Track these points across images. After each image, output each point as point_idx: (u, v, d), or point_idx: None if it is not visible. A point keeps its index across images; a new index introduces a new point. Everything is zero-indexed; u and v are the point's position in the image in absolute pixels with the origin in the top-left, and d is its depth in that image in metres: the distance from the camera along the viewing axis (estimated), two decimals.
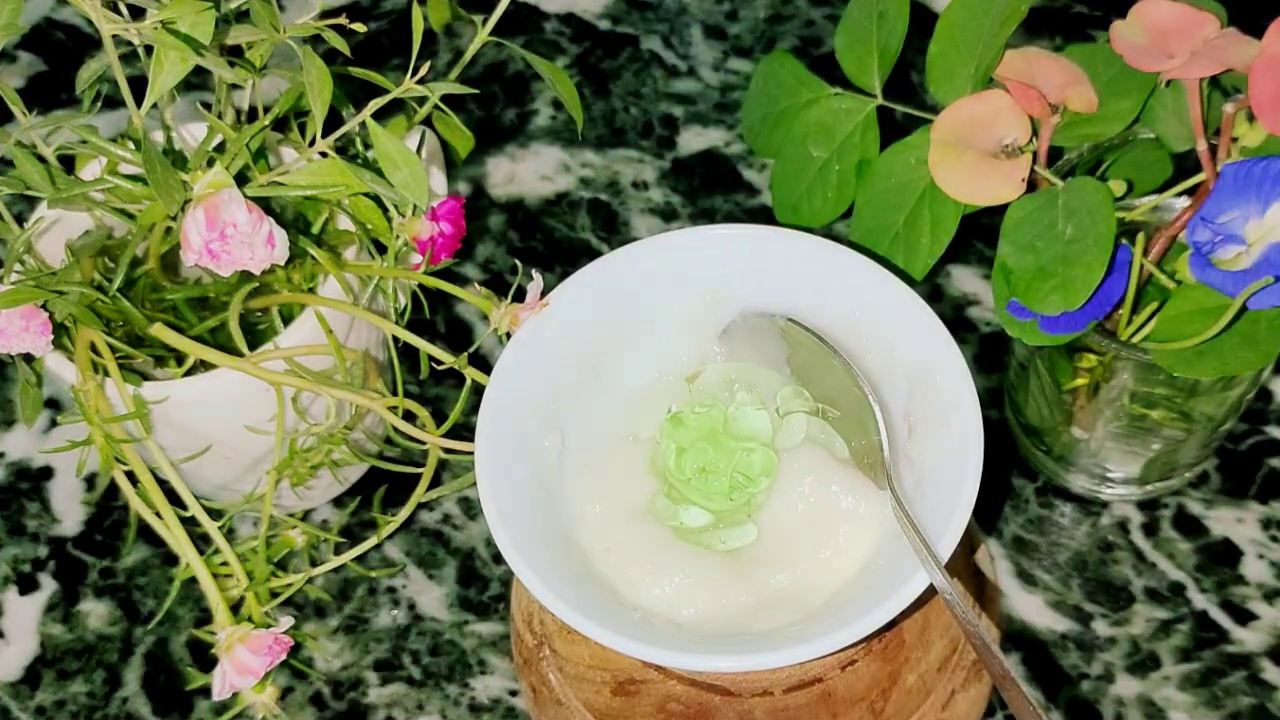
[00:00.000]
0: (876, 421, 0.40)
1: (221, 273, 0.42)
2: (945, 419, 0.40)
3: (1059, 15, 0.74)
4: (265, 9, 0.44)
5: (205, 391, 0.48)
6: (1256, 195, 0.44)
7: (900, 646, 0.44)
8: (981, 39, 0.47)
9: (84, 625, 0.57)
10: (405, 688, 0.55)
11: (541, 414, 0.43)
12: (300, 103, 0.48)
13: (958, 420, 0.40)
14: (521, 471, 0.41)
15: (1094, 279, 0.43)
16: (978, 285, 0.64)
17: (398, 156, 0.41)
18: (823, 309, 0.44)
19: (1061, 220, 0.44)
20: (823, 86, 0.52)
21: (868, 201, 0.50)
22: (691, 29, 0.75)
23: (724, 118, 0.72)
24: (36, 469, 0.62)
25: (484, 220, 0.69)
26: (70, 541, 0.60)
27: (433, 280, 0.48)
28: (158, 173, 0.41)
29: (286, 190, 0.44)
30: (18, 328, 0.45)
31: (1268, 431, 0.59)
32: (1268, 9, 0.44)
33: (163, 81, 0.40)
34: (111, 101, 0.47)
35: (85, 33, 0.78)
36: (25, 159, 0.44)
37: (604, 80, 0.74)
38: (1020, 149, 0.46)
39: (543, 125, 0.72)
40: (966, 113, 0.47)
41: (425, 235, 0.48)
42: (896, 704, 0.44)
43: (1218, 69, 0.44)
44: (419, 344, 0.47)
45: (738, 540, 0.41)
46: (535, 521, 0.40)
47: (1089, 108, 0.46)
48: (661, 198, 0.69)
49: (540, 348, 0.43)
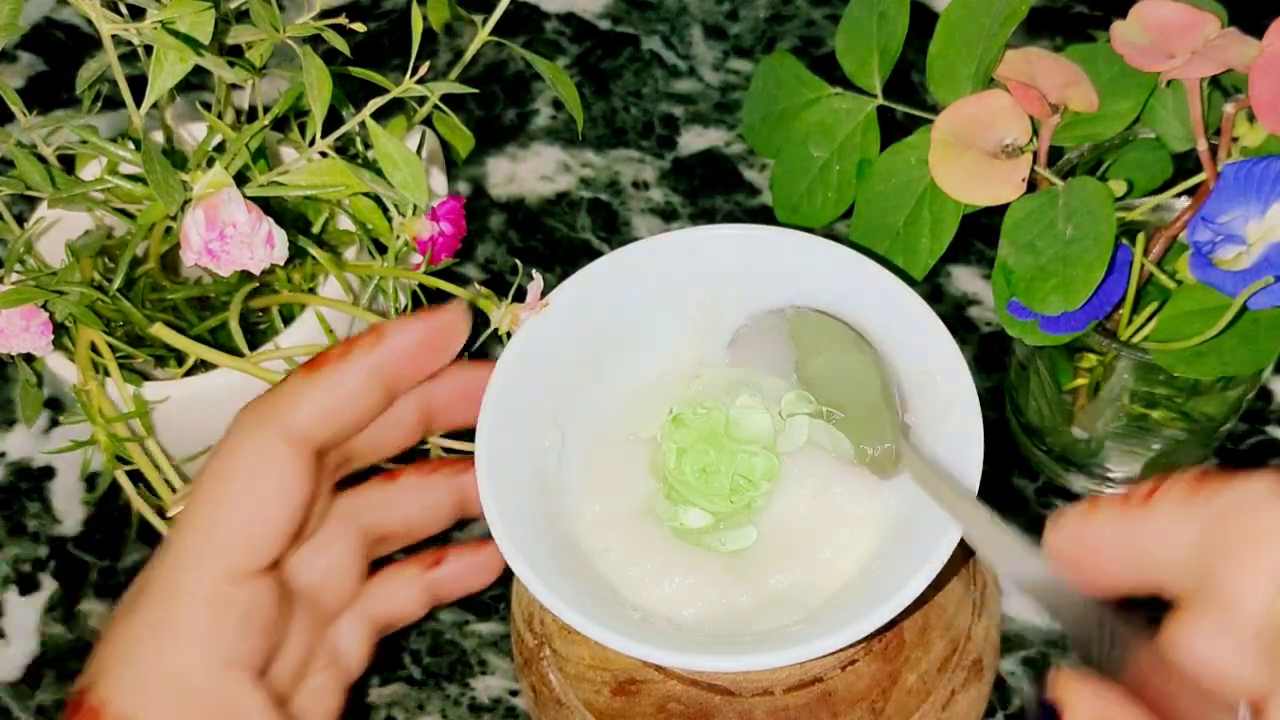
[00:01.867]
0: (885, 383, 0.40)
1: (221, 273, 0.42)
2: (945, 419, 0.40)
3: (1059, 15, 0.74)
4: (265, 9, 0.44)
5: (206, 391, 0.48)
6: (1257, 195, 0.44)
7: (900, 646, 0.44)
8: (982, 39, 0.47)
9: (85, 625, 0.57)
10: (405, 688, 0.55)
11: (541, 413, 0.43)
12: (300, 103, 0.48)
13: (958, 420, 0.40)
14: (521, 471, 0.41)
15: (1094, 279, 0.43)
16: (978, 285, 0.64)
17: (398, 157, 0.41)
18: (823, 309, 0.44)
19: (1062, 220, 0.44)
20: (823, 86, 0.52)
21: (868, 201, 0.50)
22: (692, 29, 0.75)
23: (724, 118, 0.72)
24: (37, 469, 0.62)
25: (484, 220, 0.69)
26: (71, 541, 0.60)
27: (433, 280, 0.48)
28: (157, 173, 0.41)
29: (286, 190, 0.44)
30: (18, 327, 0.45)
31: (1268, 431, 0.59)
32: (1268, 9, 0.44)
33: (162, 81, 0.40)
34: (111, 101, 0.47)
35: (85, 33, 0.78)
36: (25, 159, 0.44)
37: (604, 80, 0.74)
38: (1020, 149, 0.46)
39: (543, 125, 0.72)
40: (967, 113, 0.47)
41: (426, 235, 0.48)
42: (897, 704, 0.44)
43: (1218, 69, 0.44)
44: None
45: (738, 542, 0.41)
46: (535, 521, 0.40)
47: (1089, 108, 0.46)
48: (662, 198, 0.69)
49: (540, 348, 0.43)
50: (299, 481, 0.39)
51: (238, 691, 0.38)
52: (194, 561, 0.38)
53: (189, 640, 0.37)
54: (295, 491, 0.39)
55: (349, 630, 0.44)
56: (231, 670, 0.38)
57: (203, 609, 0.38)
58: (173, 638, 0.37)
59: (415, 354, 0.40)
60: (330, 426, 0.40)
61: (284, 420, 0.39)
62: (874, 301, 0.43)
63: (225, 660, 0.38)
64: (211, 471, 0.39)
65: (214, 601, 0.38)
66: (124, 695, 0.37)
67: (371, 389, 0.40)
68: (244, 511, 0.39)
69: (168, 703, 0.37)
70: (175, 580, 0.38)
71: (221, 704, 0.37)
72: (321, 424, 0.39)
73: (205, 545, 0.38)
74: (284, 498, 0.39)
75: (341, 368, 0.40)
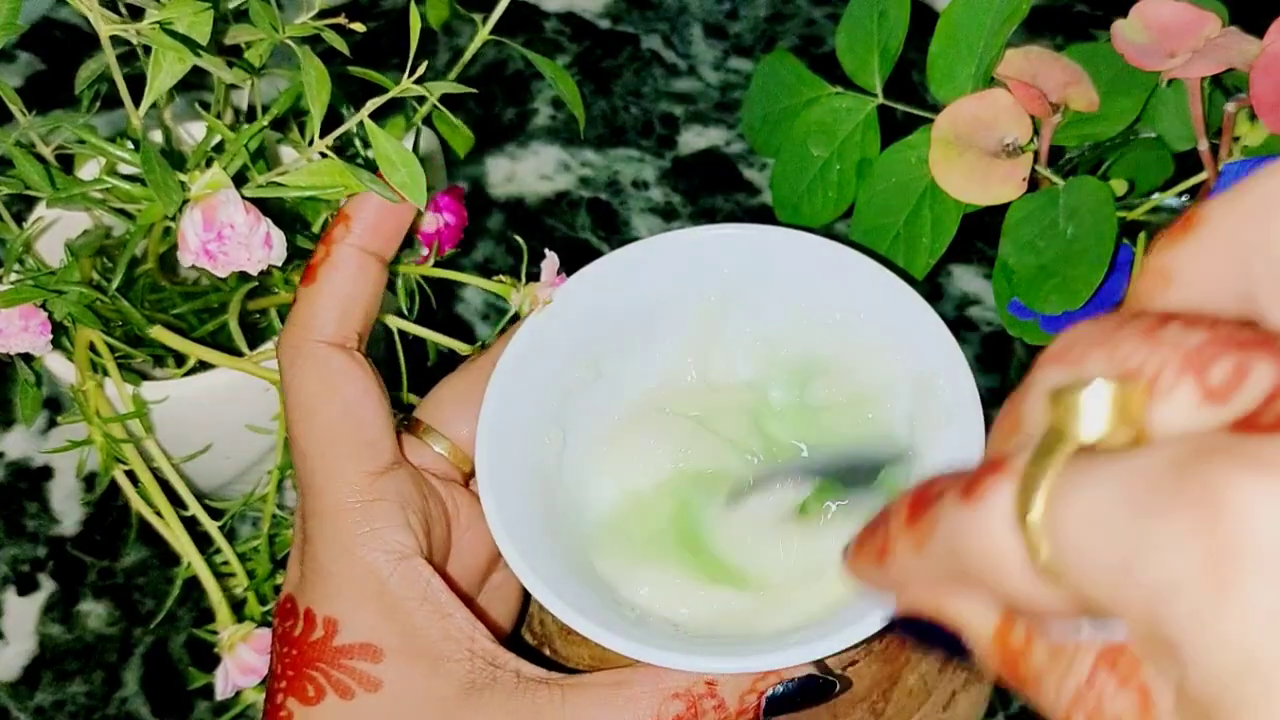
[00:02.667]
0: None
1: (219, 274, 0.42)
2: (948, 419, 0.40)
3: (1060, 14, 0.74)
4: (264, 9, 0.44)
5: (205, 391, 0.48)
6: None
7: (901, 647, 0.44)
8: (982, 38, 0.47)
9: (83, 625, 0.57)
10: None
11: (543, 412, 0.43)
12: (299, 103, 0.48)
13: (960, 420, 0.40)
14: (523, 470, 0.41)
15: (1095, 278, 0.43)
16: (979, 285, 0.64)
17: (396, 157, 0.41)
18: (825, 309, 0.44)
19: (1063, 220, 0.44)
20: (823, 86, 0.52)
21: (868, 201, 0.50)
22: (692, 28, 0.75)
23: (724, 117, 0.72)
24: (36, 469, 0.62)
25: (483, 220, 0.68)
26: (69, 541, 0.60)
27: (439, 271, 0.48)
28: (156, 173, 0.41)
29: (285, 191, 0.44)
30: (16, 327, 0.45)
31: None
32: (1269, 8, 0.44)
33: (161, 82, 0.40)
34: (110, 101, 0.47)
35: (84, 32, 0.78)
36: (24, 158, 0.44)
37: (604, 79, 0.73)
38: (1021, 148, 0.46)
39: (542, 124, 0.72)
40: (967, 112, 0.46)
41: (430, 228, 0.47)
42: (897, 704, 0.44)
43: (1219, 68, 0.43)
44: (429, 335, 0.47)
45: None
46: (535, 521, 0.40)
47: (1090, 107, 0.46)
48: (662, 197, 0.69)
49: (542, 347, 0.43)
50: (363, 373, 0.41)
51: (427, 579, 0.39)
52: (331, 480, 0.40)
53: (361, 543, 0.39)
54: (364, 379, 0.41)
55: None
56: (411, 560, 0.39)
57: (360, 513, 0.39)
58: (345, 545, 0.39)
59: (385, 215, 0.43)
60: (354, 314, 0.42)
61: (316, 333, 0.41)
62: (876, 302, 0.43)
63: (400, 553, 0.39)
64: (292, 408, 0.41)
65: (366, 503, 0.40)
66: (327, 602, 0.39)
67: (367, 264, 0.42)
68: (341, 418, 0.40)
69: (368, 604, 0.39)
70: (325, 502, 0.40)
71: (415, 593, 0.39)
72: (347, 317, 0.42)
73: (331, 464, 0.40)
74: (363, 390, 0.41)
75: (333, 264, 0.42)
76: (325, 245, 0.42)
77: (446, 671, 0.38)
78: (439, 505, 0.42)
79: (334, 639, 0.38)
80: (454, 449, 0.43)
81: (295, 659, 0.39)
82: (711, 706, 0.37)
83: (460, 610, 0.39)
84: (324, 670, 0.38)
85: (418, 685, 0.38)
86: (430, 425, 0.44)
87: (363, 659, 0.38)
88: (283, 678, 0.39)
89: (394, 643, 0.38)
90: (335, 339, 0.41)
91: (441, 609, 0.39)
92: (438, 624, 0.39)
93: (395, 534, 0.39)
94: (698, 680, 0.37)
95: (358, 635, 0.38)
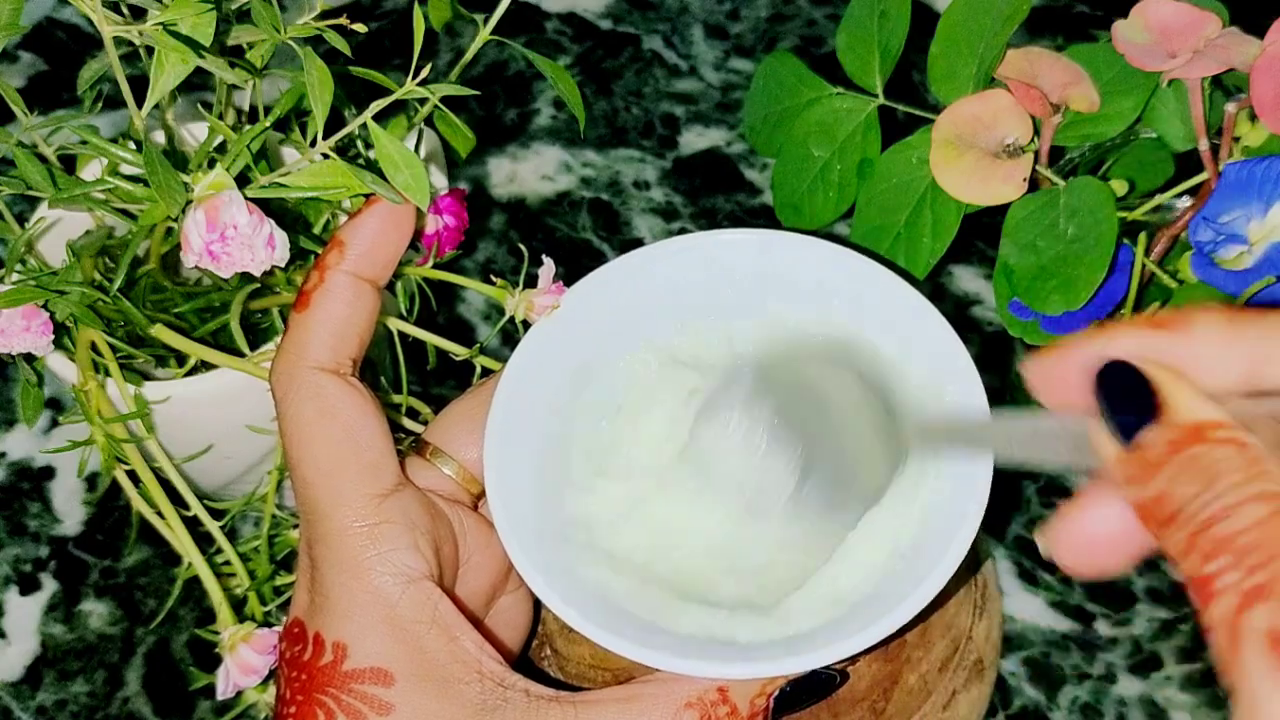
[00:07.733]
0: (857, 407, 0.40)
1: (222, 274, 0.42)
2: None
3: (1061, 14, 0.74)
4: (266, 9, 0.44)
5: (206, 391, 0.48)
6: (1258, 195, 0.44)
7: (901, 646, 0.44)
8: (983, 38, 0.47)
9: (85, 625, 0.57)
10: None
11: (549, 417, 0.43)
12: (301, 103, 0.48)
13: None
14: (528, 474, 0.41)
15: (1096, 279, 0.43)
16: (980, 285, 0.64)
17: (399, 158, 0.41)
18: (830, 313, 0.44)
19: (1063, 220, 0.44)
20: (824, 86, 0.52)
21: (869, 201, 0.50)
22: (693, 29, 0.75)
23: (725, 117, 0.72)
24: (37, 469, 0.62)
25: (485, 220, 0.69)
26: (71, 541, 0.60)
27: (439, 273, 0.48)
28: (158, 174, 0.41)
29: (288, 192, 0.44)
30: (19, 327, 0.45)
31: None
32: (1269, 9, 0.44)
33: (164, 83, 0.40)
34: (112, 102, 0.47)
35: (86, 33, 0.78)
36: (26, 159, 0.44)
37: (605, 80, 0.74)
38: (1022, 148, 0.46)
39: (544, 125, 0.72)
40: (968, 112, 0.47)
41: (430, 230, 0.48)
42: (898, 704, 0.44)
43: (1220, 68, 0.44)
44: (429, 338, 0.47)
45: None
46: (539, 522, 0.40)
47: (1091, 107, 0.46)
48: (663, 197, 0.69)
49: (550, 351, 0.43)
50: (360, 397, 0.41)
51: (436, 602, 0.39)
52: (336, 505, 0.39)
53: (369, 567, 0.39)
54: (362, 403, 0.41)
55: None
56: (420, 583, 0.39)
57: (367, 536, 0.39)
58: (355, 570, 0.39)
59: (379, 241, 0.42)
60: (349, 339, 0.42)
61: (311, 359, 0.41)
62: (878, 303, 0.43)
63: (408, 575, 0.39)
64: (290, 435, 0.41)
65: (372, 525, 0.39)
66: (337, 627, 0.39)
67: (361, 290, 0.42)
68: (341, 442, 0.40)
69: (378, 628, 0.38)
70: (330, 526, 0.39)
71: (424, 616, 0.39)
72: (342, 342, 0.41)
73: (334, 488, 0.40)
74: (362, 414, 0.40)
75: (327, 290, 0.41)
76: (319, 271, 0.42)
77: (457, 694, 0.38)
78: (446, 527, 0.41)
79: (344, 663, 0.38)
80: (462, 470, 0.43)
81: (305, 684, 0.38)
82: (725, 714, 0.37)
83: (469, 633, 0.39)
84: (334, 695, 0.38)
85: (429, 708, 0.37)
86: (438, 447, 0.43)
87: (373, 683, 0.38)
88: (291, 702, 0.38)
89: (404, 666, 0.38)
90: (330, 365, 0.41)
91: (450, 631, 0.39)
92: (447, 647, 0.38)
93: (403, 556, 0.39)
94: (710, 688, 0.37)
95: (368, 659, 0.38)
